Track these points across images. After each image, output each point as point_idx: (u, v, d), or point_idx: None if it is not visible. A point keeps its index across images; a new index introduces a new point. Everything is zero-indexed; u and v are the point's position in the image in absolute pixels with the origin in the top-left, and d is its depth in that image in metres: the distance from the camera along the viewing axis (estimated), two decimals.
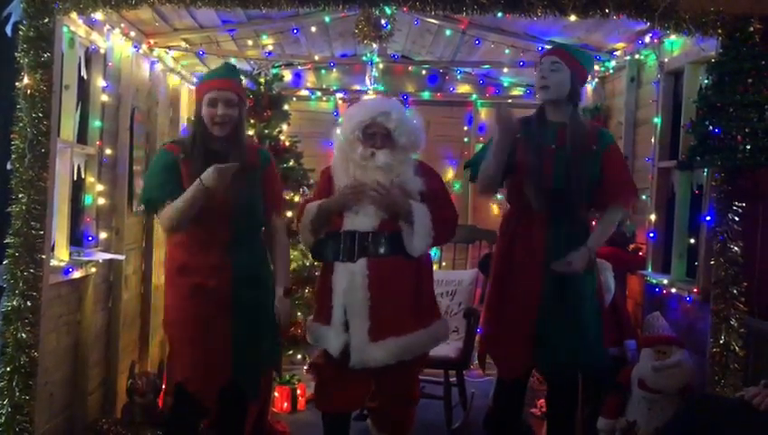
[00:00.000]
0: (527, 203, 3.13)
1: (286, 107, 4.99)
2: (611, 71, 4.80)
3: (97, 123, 3.90)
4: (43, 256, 3.10)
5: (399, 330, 3.06)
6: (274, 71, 5.03)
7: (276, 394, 4.46)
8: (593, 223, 3.32)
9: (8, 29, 3.20)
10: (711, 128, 3.11)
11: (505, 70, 5.37)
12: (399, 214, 3.09)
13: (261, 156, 3.12)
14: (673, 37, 3.79)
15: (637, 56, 4.36)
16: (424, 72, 5.74)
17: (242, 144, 3.01)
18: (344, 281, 3.06)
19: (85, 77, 3.82)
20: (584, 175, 3.07)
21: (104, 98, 3.92)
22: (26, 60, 3.07)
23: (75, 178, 3.72)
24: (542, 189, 3.08)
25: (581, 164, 3.07)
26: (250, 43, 4.92)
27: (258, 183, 3.04)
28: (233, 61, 5.18)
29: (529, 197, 3.10)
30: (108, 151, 3.99)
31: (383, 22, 4.34)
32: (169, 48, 4.61)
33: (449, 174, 5.65)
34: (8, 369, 3.04)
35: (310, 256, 4.86)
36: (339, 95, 5.66)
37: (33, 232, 3.06)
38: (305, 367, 4.93)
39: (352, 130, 3.13)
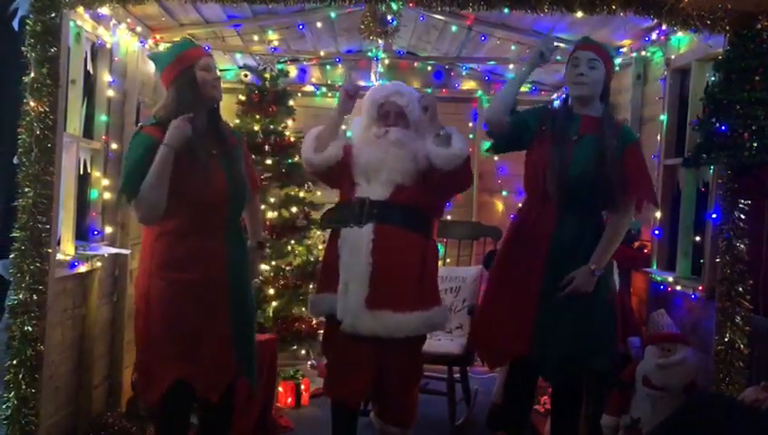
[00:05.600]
0: (542, 193, 3.06)
1: (291, 102, 5.01)
2: (617, 67, 4.75)
3: (103, 118, 3.91)
4: (49, 250, 3.11)
5: (398, 305, 3.05)
6: (280, 66, 5.05)
7: (280, 389, 4.47)
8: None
9: (15, 23, 3.22)
10: (717, 125, 3.10)
11: (511, 66, 5.35)
12: (434, 123, 3.13)
13: (236, 134, 3.07)
14: (680, 34, 3.78)
15: (643, 53, 4.34)
16: (429, 68, 5.73)
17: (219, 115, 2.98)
18: (349, 245, 3.08)
19: (91, 72, 3.83)
20: (605, 167, 2.96)
21: (110, 93, 3.93)
22: (33, 54, 3.07)
23: (81, 173, 3.74)
24: (561, 178, 2.99)
25: (604, 156, 2.97)
26: (255, 38, 4.92)
27: (242, 162, 2.98)
28: (238, 56, 5.21)
29: (548, 186, 3.02)
30: (113, 146, 4.00)
31: (389, 18, 4.35)
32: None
33: None
34: (14, 362, 3.05)
35: (314, 251, 4.92)
36: None
37: (39, 226, 3.07)
38: (309, 362, 4.95)
39: (368, 111, 3.23)
